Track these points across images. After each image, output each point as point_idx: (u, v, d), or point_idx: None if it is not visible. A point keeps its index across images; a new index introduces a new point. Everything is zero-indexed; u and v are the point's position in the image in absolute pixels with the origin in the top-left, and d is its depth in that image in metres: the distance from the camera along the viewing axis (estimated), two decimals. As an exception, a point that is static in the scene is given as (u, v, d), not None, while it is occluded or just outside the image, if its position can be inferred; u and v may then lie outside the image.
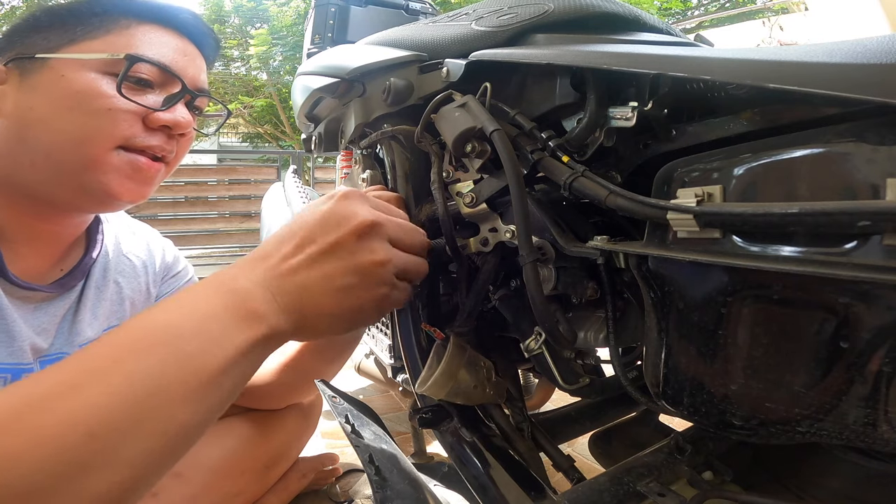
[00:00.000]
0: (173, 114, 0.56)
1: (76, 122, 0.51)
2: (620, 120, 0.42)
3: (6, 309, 0.54)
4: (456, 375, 0.52)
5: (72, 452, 0.29)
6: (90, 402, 0.31)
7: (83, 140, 0.51)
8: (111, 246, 0.69)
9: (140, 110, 0.54)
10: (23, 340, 0.56)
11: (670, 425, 0.70)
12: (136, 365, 0.33)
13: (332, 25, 1.20)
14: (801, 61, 0.29)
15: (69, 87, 0.51)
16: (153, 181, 0.58)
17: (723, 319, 0.35)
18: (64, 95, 0.51)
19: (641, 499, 0.48)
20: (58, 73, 0.51)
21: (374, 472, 0.43)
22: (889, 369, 0.28)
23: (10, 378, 0.56)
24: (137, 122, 0.54)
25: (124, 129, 0.53)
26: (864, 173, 0.27)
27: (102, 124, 0.52)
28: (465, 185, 0.53)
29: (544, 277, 0.51)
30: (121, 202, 0.57)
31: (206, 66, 0.63)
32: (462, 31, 0.54)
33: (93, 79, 0.52)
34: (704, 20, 6.49)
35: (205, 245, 4.93)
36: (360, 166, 0.81)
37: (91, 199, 0.56)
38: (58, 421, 0.30)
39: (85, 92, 0.51)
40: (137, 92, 0.54)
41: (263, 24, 7.24)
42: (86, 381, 0.32)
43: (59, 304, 0.61)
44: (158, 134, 0.56)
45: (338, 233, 0.41)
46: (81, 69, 0.52)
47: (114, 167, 0.53)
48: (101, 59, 0.52)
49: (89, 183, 0.53)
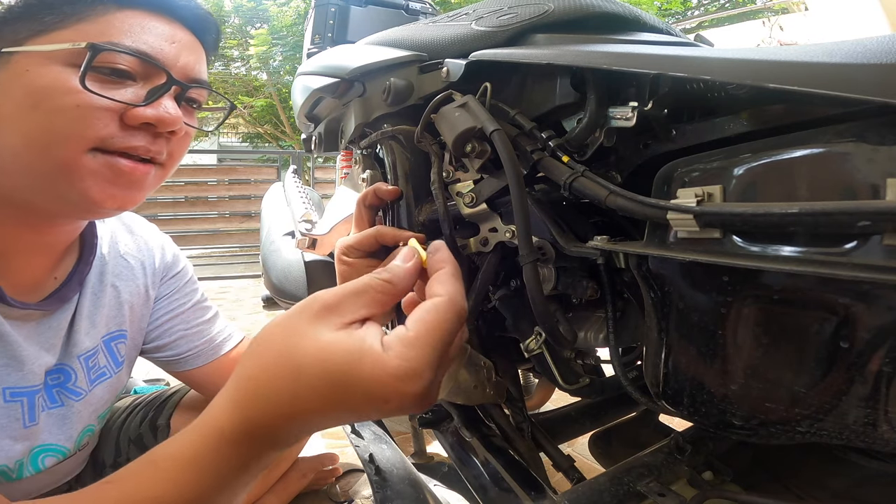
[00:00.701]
0: (156, 109, 0.49)
1: (41, 122, 0.45)
2: (620, 120, 0.42)
3: (10, 335, 0.53)
4: (456, 375, 0.52)
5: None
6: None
7: (50, 142, 0.46)
8: (107, 247, 0.66)
9: (116, 106, 0.47)
10: (32, 362, 0.55)
11: (670, 425, 0.70)
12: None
13: (332, 25, 1.20)
14: (801, 61, 0.29)
15: (32, 84, 0.45)
16: (142, 185, 0.52)
17: (723, 319, 0.35)
18: (27, 93, 0.45)
19: (641, 499, 0.48)
20: (22, 68, 0.45)
21: (374, 472, 0.44)
22: (889, 369, 0.28)
23: (26, 401, 0.55)
24: (114, 119, 0.47)
25: (98, 129, 0.47)
26: (864, 173, 0.27)
27: (70, 124, 0.46)
28: (465, 185, 0.53)
29: (544, 277, 0.51)
30: (105, 209, 0.51)
31: (204, 54, 0.56)
32: (462, 31, 0.54)
33: (58, 72, 0.45)
34: (704, 20, 6.48)
35: (205, 245, 4.94)
36: (360, 166, 0.82)
37: (74, 208, 0.51)
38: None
39: (49, 87, 0.45)
40: (113, 85, 0.47)
41: (263, 24, 7.24)
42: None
43: (59, 317, 0.59)
44: (141, 133, 0.49)
45: (380, 413, 0.33)
46: (47, 62, 0.45)
47: (90, 171, 0.48)
48: (66, 50, 0.45)
49: (66, 190, 0.48)
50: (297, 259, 1.42)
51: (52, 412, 0.59)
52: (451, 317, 0.33)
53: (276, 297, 1.51)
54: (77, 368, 0.62)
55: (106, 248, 0.66)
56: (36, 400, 0.56)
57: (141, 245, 0.72)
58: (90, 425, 0.66)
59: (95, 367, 0.65)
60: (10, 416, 0.54)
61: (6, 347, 0.53)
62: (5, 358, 0.53)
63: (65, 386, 0.61)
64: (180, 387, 0.87)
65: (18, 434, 0.55)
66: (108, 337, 0.67)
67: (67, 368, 0.61)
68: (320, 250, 1.26)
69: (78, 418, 0.62)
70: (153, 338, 0.75)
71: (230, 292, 3.98)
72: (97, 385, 0.65)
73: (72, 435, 0.62)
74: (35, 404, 0.56)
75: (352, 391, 0.31)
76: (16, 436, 0.55)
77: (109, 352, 0.67)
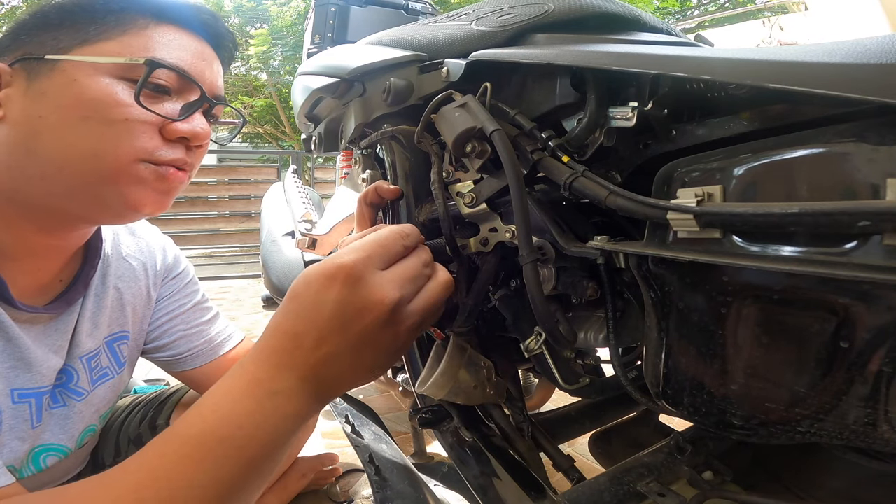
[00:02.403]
0: (191, 124, 0.52)
1: (91, 134, 0.47)
2: (620, 120, 0.42)
3: (19, 338, 0.53)
4: (456, 375, 0.52)
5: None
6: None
7: (100, 153, 0.48)
8: (110, 249, 0.67)
9: (157, 120, 0.50)
10: (40, 365, 0.55)
11: (670, 425, 0.70)
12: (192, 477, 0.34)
13: (332, 25, 1.20)
14: (801, 61, 0.28)
15: (82, 94, 0.47)
16: (176, 192, 0.55)
17: (723, 319, 0.35)
18: (76, 103, 0.47)
19: (641, 499, 0.48)
20: (69, 78, 0.47)
21: (374, 472, 0.44)
22: (889, 369, 0.28)
23: (35, 402, 0.55)
24: (156, 132, 0.50)
25: (145, 141, 0.49)
26: (864, 173, 0.27)
27: (120, 135, 0.48)
28: (465, 185, 0.53)
29: (544, 277, 0.51)
30: (141, 214, 0.54)
31: (222, 70, 0.59)
32: (462, 31, 0.54)
33: (107, 84, 0.48)
34: (704, 20, 6.48)
35: (205, 245, 4.94)
36: (360, 166, 0.82)
37: (108, 212, 0.53)
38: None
39: (100, 100, 0.47)
40: (155, 100, 0.50)
41: (263, 24, 7.24)
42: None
43: (66, 320, 0.60)
44: (178, 146, 0.52)
45: (361, 323, 0.37)
46: (95, 73, 0.48)
47: (138, 179, 0.50)
48: (118, 63, 0.48)
49: (108, 195, 0.50)
50: (297, 259, 1.42)
51: (54, 412, 0.59)
52: (387, 232, 0.41)
53: (276, 297, 1.51)
54: (79, 369, 0.62)
55: (109, 250, 0.67)
56: (43, 401, 0.57)
57: (143, 247, 0.73)
58: (91, 425, 0.66)
59: (98, 368, 0.65)
60: (19, 417, 0.54)
61: (15, 350, 0.53)
62: (14, 360, 0.53)
63: (66, 386, 0.61)
64: (180, 387, 0.87)
65: (26, 435, 0.55)
66: (111, 338, 0.67)
67: (70, 369, 0.61)
68: (320, 250, 1.26)
69: (79, 418, 0.63)
70: (153, 338, 0.75)
71: (230, 292, 3.97)
72: (99, 385, 0.65)
73: (73, 434, 0.62)
74: (42, 405, 0.57)
75: (304, 310, 0.37)
76: (23, 436, 0.55)
77: (112, 352, 0.68)
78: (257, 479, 0.36)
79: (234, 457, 0.35)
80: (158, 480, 0.33)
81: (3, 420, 0.52)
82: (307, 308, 0.37)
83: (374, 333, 0.38)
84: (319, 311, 0.37)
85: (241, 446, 0.35)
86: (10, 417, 0.53)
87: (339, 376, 0.38)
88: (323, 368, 0.37)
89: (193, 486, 0.33)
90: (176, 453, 0.34)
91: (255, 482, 0.36)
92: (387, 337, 0.38)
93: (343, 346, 0.37)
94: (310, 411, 0.38)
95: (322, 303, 0.37)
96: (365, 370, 0.39)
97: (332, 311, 0.37)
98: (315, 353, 0.37)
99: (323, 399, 0.39)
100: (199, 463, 0.34)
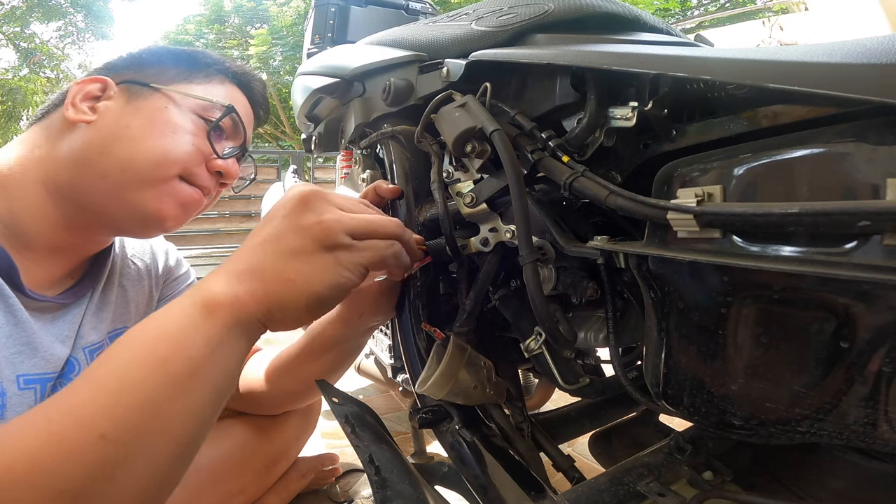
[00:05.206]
0: (227, 164, 0.64)
1: (164, 145, 0.58)
2: (620, 120, 0.42)
3: (27, 322, 0.55)
4: (456, 375, 0.52)
5: (91, 455, 0.34)
6: (101, 411, 0.35)
7: (160, 161, 0.57)
8: (118, 249, 0.71)
9: (209, 152, 0.62)
10: (45, 351, 0.57)
11: (670, 425, 0.70)
12: (130, 377, 0.37)
13: (332, 25, 1.20)
14: (801, 61, 0.29)
15: (170, 118, 0.59)
16: (194, 214, 0.64)
17: (723, 319, 0.35)
18: (163, 122, 0.58)
19: (641, 499, 0.48)
20: (164, 103, 0.59)
21: (374, 472, 0.44)
22: (889, 369, 0.28)
23: (39, 388, 0.57)
24: (202, 161, 0.62)
25: (193, 164, 0.60)
26: (864, 173, 0.27)
27: (180, 153, 0.59)
28: (465, 185, 0.53)
29: (544, 277, 0.51)
30: (164, 226, 0.61)
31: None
32: (462, 31, 0.54)
33: (187, 115, 0.60)
34: (704, 20, 6.49)
35: (205, 245, 4.94)
36: (360, 166, 0.81)
37: (136, 221, 0.60)
38: (77, 427, 0.34)
39: (181, 125, 0.59)
40: (215, 137, 0.62)
41: (263, 24, 7.24)
42: (95, 396, 0.36)
43: (74, 312, 0.63)
44: (213, 176, 0.64)
45: (283, 211, 0.43)
46: (184, 105, 0.60)
47: (173, 192, 0.59)
48: (203, 102, 0.61)
49: (143, 201, 0.58)
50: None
51: None
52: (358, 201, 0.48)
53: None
54: (82, 360, 0.64)
55: (117, 249, 0.72)
56: (48, 389, 0.58)
57: (147, 249, 0.77)
58: None
59: None
60: (25, 404, 0.55)
61: (22, 334, 0.55)
62: (20, 345, 0.55)
63: (69, 377, 0.62)
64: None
65: None
66: (115, 332, 0.69)
67: (73, 360, 0.63)
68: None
69: None
70: None
71: (230, 292, 3.97)
72: None
73: None
74: (46, 393, 0.58)
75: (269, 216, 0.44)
76: None
77: None
78: (184, 400, 0.38)
79: (153, 361, 0.37)
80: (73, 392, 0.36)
81: (8, 405, 0.52)
82: (257, 228, 0.44)
83: (292, 219, 0.43)
84: (263, 227, 0.44)
85: (163, 357, 0.37)
86: (16, 404, 0.54)
87: (264, 268, 0.42)
88: (244, 260, 0.42)
89: (109, 403, 0.36)
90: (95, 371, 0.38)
91: (181, 402, 0.37)
92: (320, 259, 0.42)
93: (274, 255, 0.42)
94: (238, 308, 0.40)
95: (269, 219, 0.44)
96: (295, 267, 0.42)
97: (274, 226, 0.43)
98: (248, 260, 0.42)
99: (259, 299, 0.41)
100: (125, 372, 0.37)
